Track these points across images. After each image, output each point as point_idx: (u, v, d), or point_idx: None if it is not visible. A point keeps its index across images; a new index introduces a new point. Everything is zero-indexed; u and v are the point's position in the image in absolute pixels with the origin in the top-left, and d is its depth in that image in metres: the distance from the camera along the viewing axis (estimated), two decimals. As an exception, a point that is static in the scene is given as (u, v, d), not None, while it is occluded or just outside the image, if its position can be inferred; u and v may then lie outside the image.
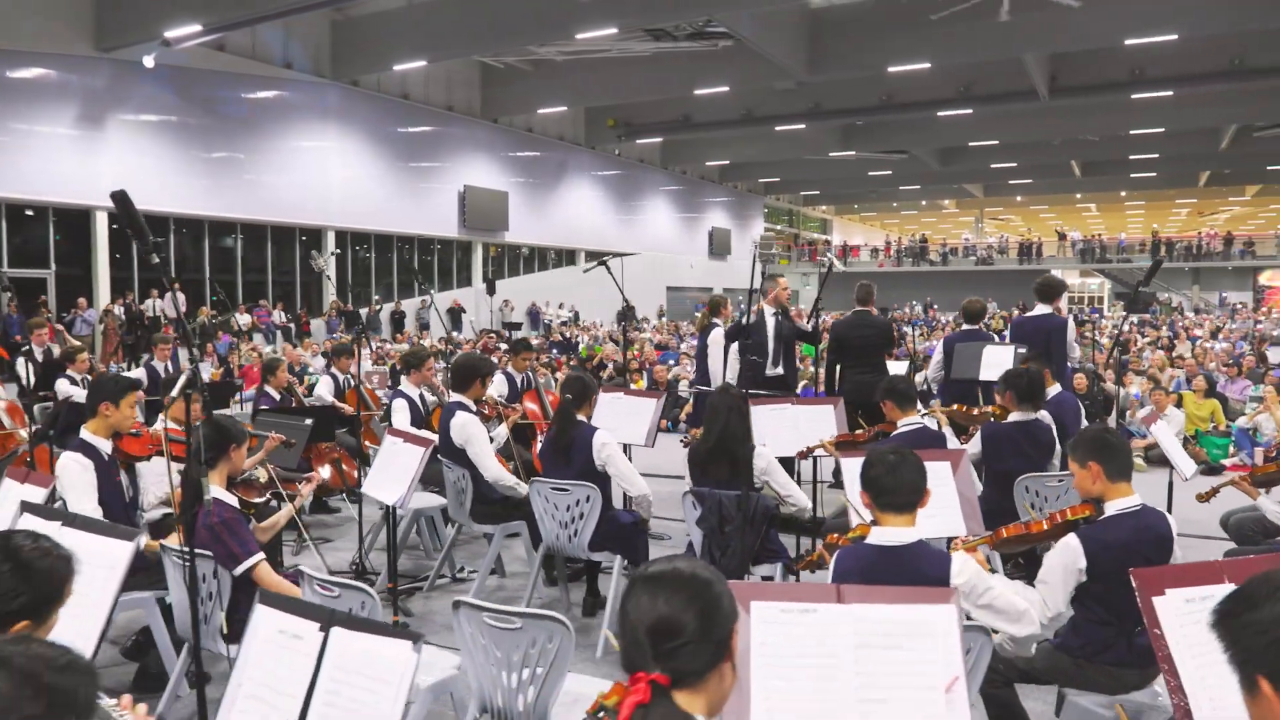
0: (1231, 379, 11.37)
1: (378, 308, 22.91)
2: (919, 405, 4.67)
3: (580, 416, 4.68)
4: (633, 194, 32.75)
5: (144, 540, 2.29)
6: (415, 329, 23.25)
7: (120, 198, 2.46)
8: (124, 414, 3.95)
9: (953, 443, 4.89)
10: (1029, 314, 6.75)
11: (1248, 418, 9.26)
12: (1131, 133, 27.81)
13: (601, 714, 1.53)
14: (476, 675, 2.79)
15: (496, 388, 6.89)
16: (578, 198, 29.89)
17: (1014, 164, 33.02)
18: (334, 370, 7.67)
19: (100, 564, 2.35)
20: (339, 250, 19.92)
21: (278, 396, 6.91)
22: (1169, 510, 4.41)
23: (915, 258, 39.12)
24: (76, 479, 3.78)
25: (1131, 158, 31.80)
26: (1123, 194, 40.82)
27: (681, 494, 4.34)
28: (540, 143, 27.97)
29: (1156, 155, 30.88)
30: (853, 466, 3.59)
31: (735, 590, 2.26)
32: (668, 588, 1.51)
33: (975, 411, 4.98)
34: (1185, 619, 2.27)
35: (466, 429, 4.90)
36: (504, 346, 19.82)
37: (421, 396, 6.21)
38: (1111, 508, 2.92)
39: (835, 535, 3.02)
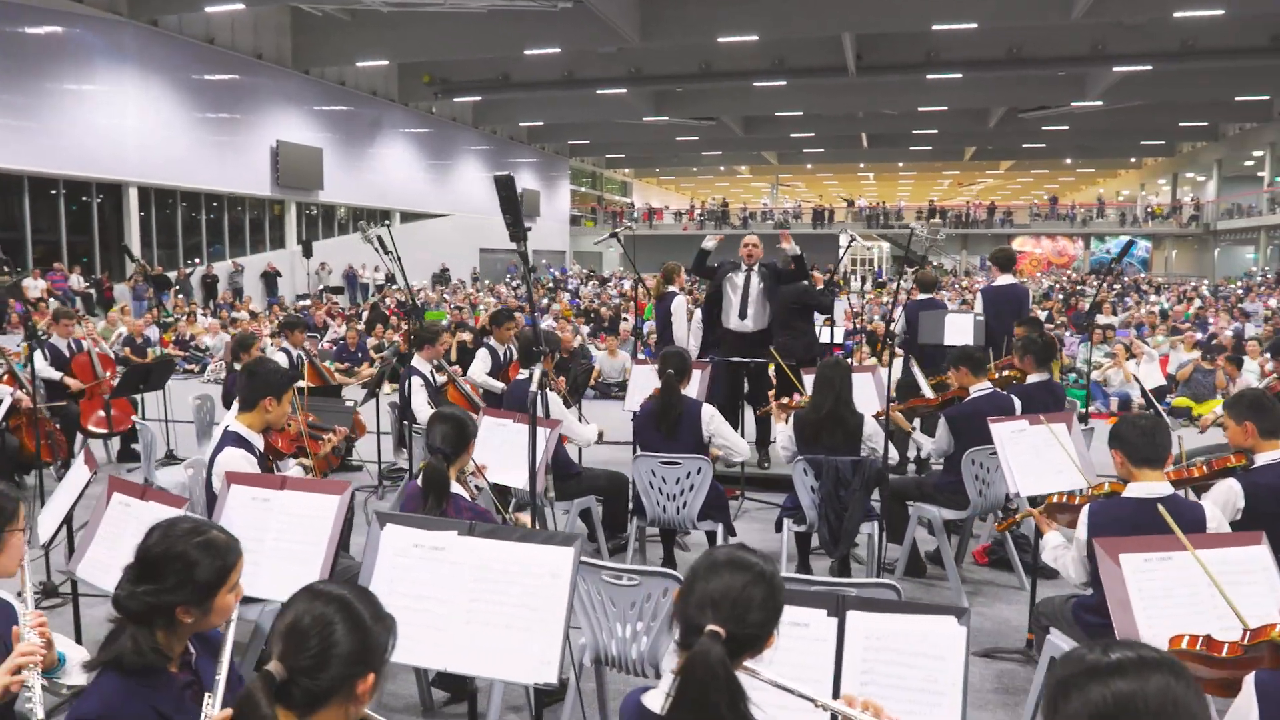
0: (1060, 337, 12.94)
1: (188, 271, 21.09)
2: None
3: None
4: (445, 153, 31.88)
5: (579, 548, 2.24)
6: (230, 294, 21.68)
7: (506, 182, 2.34)
8: (284, 409, 3.64)
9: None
10: (996, 283, 7.38)
11: (1099, 371, 10.64)
12: (919, 110, 30.33)
13: None
14: (591, 628, 3.08)
15: (480, 363, 6.78)
16: (391, 156, 28.73)
17: (812, 134, 35.04)
18: (287, 345, 7.18)
19: (544, 572, 2.27)
20: (390, 224, 16.99)
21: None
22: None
23: (718, 221, 40.66)
24: None
25: (914, 132, 34.68)
26: (900, 165, 44.45)
27: (793, 461, 4.58)
28: (353, 97, 26.60)
29: (936, 131, 33.86)
30: (1000, 432, 3.98)
31: (1104, 545, 2.57)
32: None
33: (996, 377, 5.53)
34: None
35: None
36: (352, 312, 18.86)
37: (431, 373, 6.02)
38: (1262, 458, 3.46)
39: (1060, 496, 3.39)
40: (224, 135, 22.08)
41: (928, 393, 6.03)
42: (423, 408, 5.83)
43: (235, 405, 4.52)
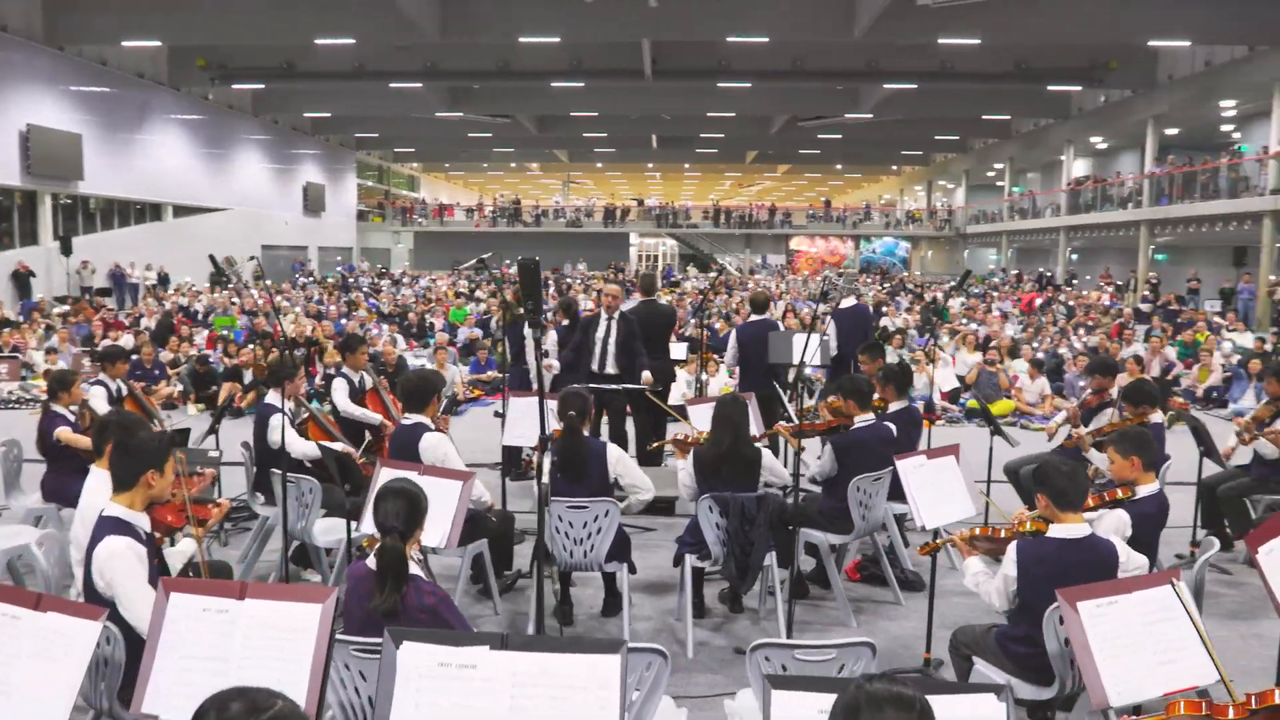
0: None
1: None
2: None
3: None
4: (222, 142, 29.66)
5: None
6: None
7: (529, 267, 2.22)
8: (168, 479, 3.19)
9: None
10: (844, 306, 7.84)
11: (904, 377, 11.49)
12: (708, 115, 31.50)
13: None
14: None
15: (340, 393, 6.42)
16: (162, 144, 26.37)
17: (605, 134, 35.49)
18: (104, 378, 6.45)
19: (590, 683, 2.16)
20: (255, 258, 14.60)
21: (72, 417, 5.69)
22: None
23: (510, 218, 40.34)
24: (133, 572, 2.99)
25: (702, 135, 35.97)
26: (686, 166, 45.90)
27: (696, 498, 4.67)
28: (116, 79, 24.15)
29: (722, 135, 35.28)
30: (904, 468, 4.24)
31: (1064, 595, 2.81)
32: None
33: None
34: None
35: (440, 448, 4.69)
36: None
37: (292, 410, 5.62)
38: (1143, 490, 3.91)
39: (977, 529, 3.64)
40: (-39, 117, 19.45)
41: (793, 415, 6.31)
42: (296, 442, 5.44)
43: (93, 472, 4.02)
